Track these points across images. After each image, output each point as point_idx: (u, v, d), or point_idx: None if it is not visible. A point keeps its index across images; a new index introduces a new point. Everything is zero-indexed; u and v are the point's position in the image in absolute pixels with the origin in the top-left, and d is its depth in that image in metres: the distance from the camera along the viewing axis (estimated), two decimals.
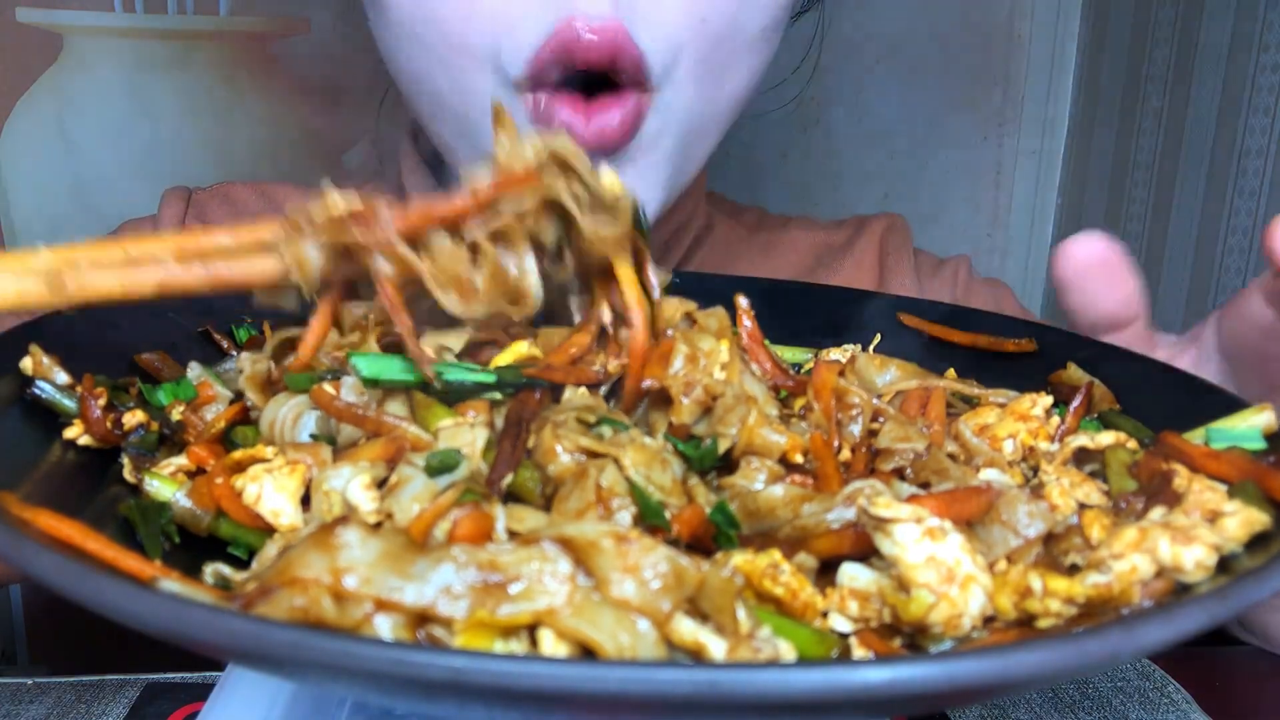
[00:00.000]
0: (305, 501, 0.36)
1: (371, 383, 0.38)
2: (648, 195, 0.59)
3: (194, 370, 0.43)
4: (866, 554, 0.32)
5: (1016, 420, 0.42)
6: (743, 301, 0.45)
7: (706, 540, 0.35)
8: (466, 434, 0.35)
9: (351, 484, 0.34)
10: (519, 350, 0.42)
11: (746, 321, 0.45)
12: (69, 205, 1.34)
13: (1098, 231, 0.47)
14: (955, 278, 0.81)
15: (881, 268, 0.81)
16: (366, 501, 0.33)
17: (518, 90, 0.55)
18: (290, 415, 0.39)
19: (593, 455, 0.35)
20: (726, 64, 0.59)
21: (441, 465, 0.34)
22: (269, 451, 0.37)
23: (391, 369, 0.38)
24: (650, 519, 0.33)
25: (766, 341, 0.46)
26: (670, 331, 0.42)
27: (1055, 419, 0.43)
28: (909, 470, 0.39)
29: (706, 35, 0.56)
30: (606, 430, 0.37)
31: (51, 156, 1.33)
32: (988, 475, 0.38)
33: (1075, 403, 0.43)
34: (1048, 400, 0.43)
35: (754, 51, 0.60)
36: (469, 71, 0.56)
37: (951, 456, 0.40)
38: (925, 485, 0.37)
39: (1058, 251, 0.47)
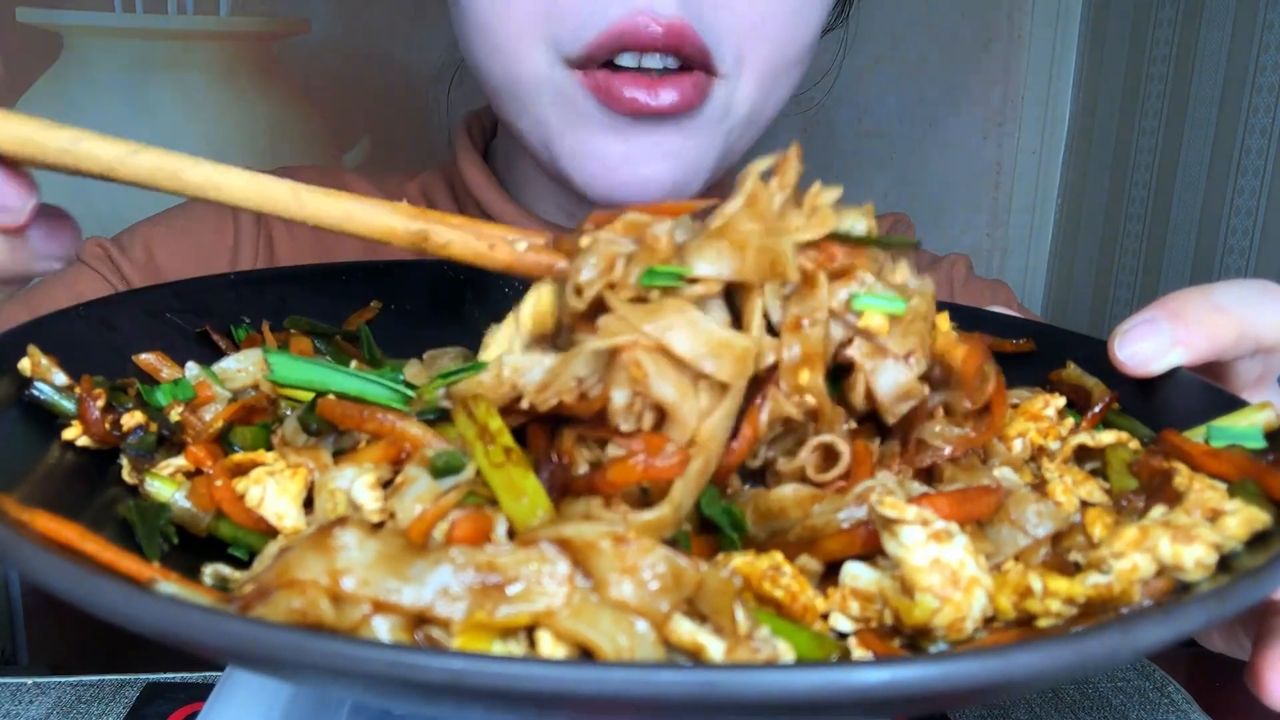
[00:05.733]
0: (308, 504, 0.36)
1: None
2: (700, 166, 0.65)
3: (192, 370, 0.43)
4: (875, 553, 0.32)
5: (1027, 420, 0.42)
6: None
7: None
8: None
9: (356, 483, 0.34)
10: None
11: None
12: (69, 205, 1.34)
13: None
14: (951, 273, 0.82)
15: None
16: (371, 500, 0.33)
17: (569, 66, 0.60)
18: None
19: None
20: (785, 67, 0.64)
21: (447, 467, 0.34)
22: (269, 456, 0.37)
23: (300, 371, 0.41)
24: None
25: None
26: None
27: (1070, 420, 0.43)
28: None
29: (767, 39, 0.61)
30: None
31: None
32: (999, 474, 0.38)
33: (1094, 411, 0.43)
34: (1060, 401, 0.43)
35: (807, 57, 0.66)
36: (522, 52, 0.61)
37: None
38: (937, 477, 0.37)
39: None
